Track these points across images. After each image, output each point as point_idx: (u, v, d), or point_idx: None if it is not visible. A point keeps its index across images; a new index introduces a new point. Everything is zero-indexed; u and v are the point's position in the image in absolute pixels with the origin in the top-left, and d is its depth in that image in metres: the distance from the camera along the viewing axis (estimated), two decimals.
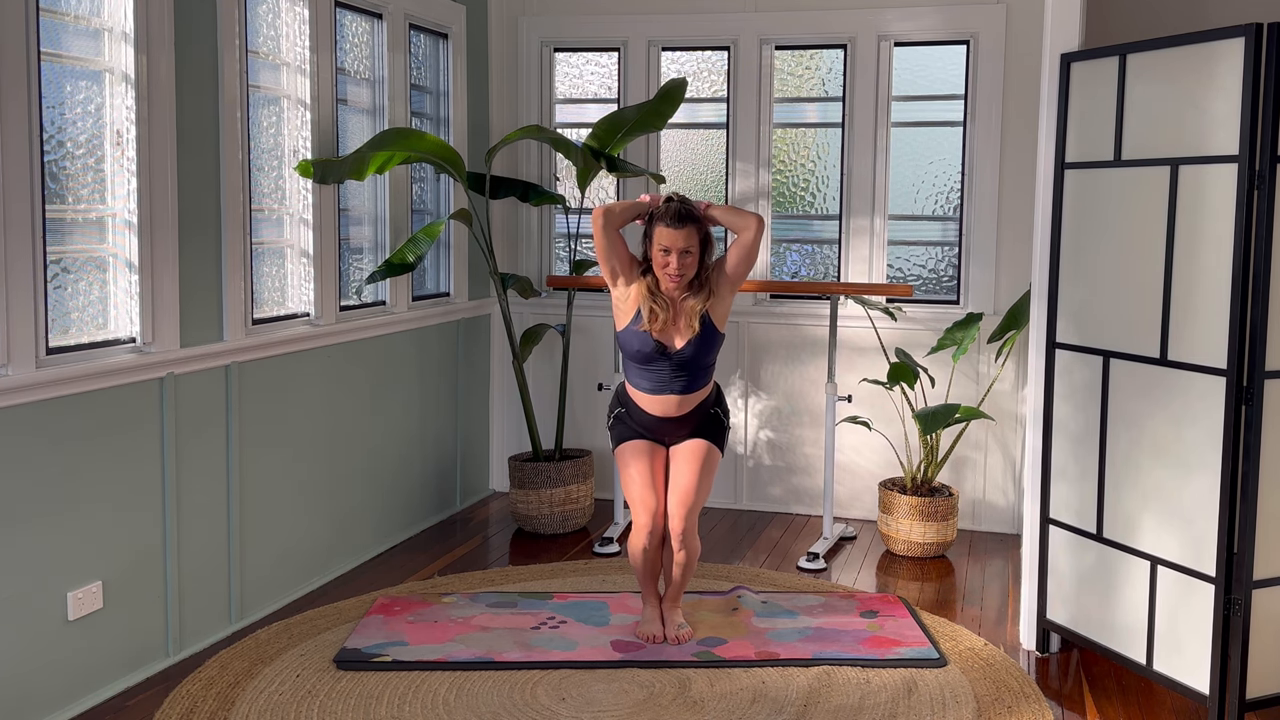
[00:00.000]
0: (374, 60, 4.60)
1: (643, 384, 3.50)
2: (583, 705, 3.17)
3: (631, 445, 3.57)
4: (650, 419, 3.53)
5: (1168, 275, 3.13)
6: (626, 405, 3.58)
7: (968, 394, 4.94)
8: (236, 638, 3.66)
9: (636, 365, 3.49)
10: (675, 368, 3.45)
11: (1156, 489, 3.20)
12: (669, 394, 3.48)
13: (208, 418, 3.60)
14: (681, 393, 3.48)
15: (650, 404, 3.50)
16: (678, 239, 3.37)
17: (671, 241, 3.37)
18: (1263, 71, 2.88)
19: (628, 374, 3.56)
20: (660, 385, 3.48)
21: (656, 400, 3.49)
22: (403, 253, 4.39)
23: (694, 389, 3.50)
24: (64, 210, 3.15)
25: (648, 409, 3.51)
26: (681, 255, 3.38)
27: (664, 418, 3.52)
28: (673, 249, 3.37)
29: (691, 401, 3.51)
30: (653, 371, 3.47)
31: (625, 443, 3.58)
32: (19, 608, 2.97)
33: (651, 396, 3.49)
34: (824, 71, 5.16)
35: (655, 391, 3.48)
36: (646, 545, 3.54)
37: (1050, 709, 3.22)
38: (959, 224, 5.02)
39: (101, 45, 3.25)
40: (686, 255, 3.39)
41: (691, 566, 3.61)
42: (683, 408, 3.51)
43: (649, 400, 3.50)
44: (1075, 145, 3.42)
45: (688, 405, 3.51)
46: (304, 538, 4.12)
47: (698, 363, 3.47)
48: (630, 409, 3.57)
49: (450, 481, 5.20)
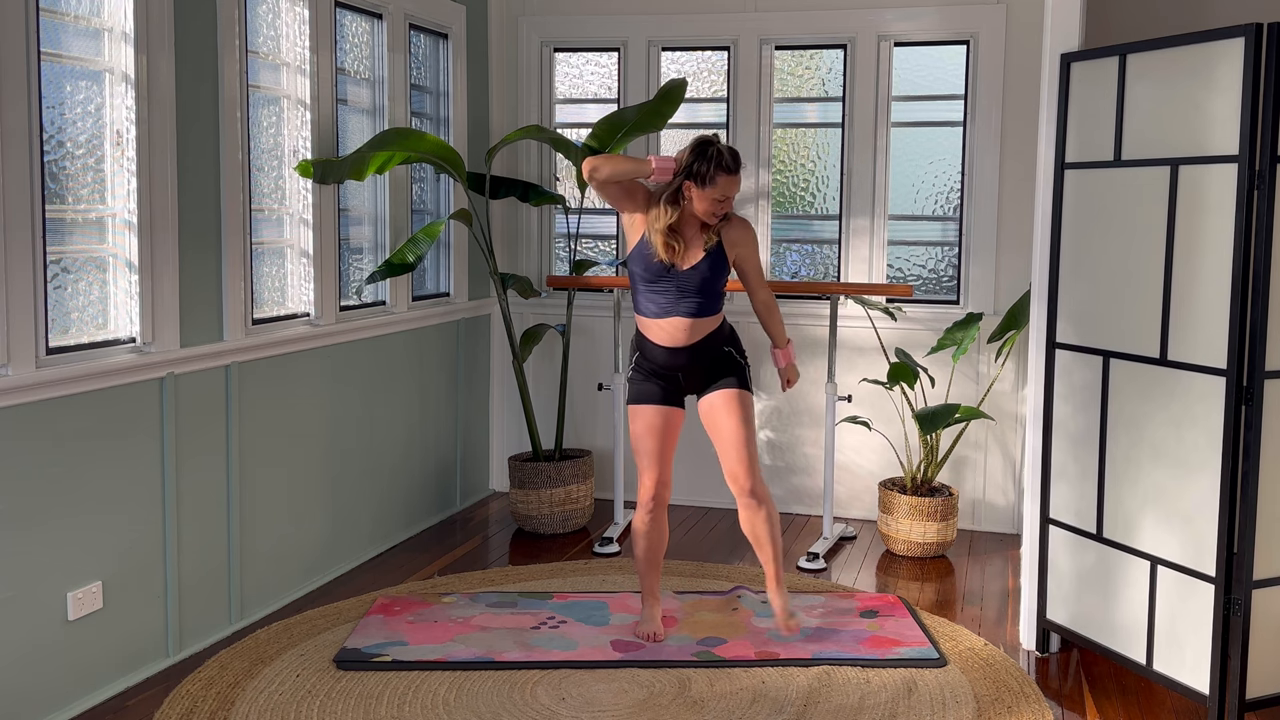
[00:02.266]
0: (374, 60, 4.60)
1: (650, 308, 3.43)
2: (583, 705, 3.17)
3: (643, 412, 3.51)
4: (661, 352, 3.45)
5: (1168, 275, 3.13)
6: (641, 347, 3.52)
7: (968, 394, 4.94)
8: (236, 638, 3.66)
9: (645, 286, 3.42)
10: (682, 289, 3.39)
11: (1156, 489, 3.20)
12: (676, 316, 3.40)
13: (208, 418, 3.60)
14: (689, 315, 3.40)
15: (659, 332, 3.42)
16: (732, 185, 3.34)
17: (729, 190, 3.33)
18: (1263, 71, 2.88)
19: (638, 305, 3.47)
20: (668, 307, 3.40)
21: (665, 325, 3.41)
22: (403, 253, 4.39)
23: (703, 314, 3.42)
24: (64, 210, 3.15)
25: (657, 339, 3.44)
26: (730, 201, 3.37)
27: (674, 348, 3.43)
28: (728, 199, 3.35)
29: (701, 329, 3.43)
30: (659, 292, 3.40)
31: (639, 406, 3.53)
32: (19, 608, 2.97)
33: (660, 322, 3.41)
34: (824, 71, 5.16)
35: (663, 314, 3.41)
36: (647, 523, 3.55)
37: (1050, 709, 3.22)
38: (959, 224, 5.02)
39: (101, 45, 3.25)
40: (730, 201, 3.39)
41: (776, 525, 3.55)
42: (693, 335, 3.42)
43: (657, 328, 3.42)
44: (1075, 145, 3.42)
45: (698, 333, 3.43)
46: (304, 538, 4.12)
47: (705, 287, 3.40)
48: (644, 349, 3.50)
49: (450, 481, 5.21)
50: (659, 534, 3.62)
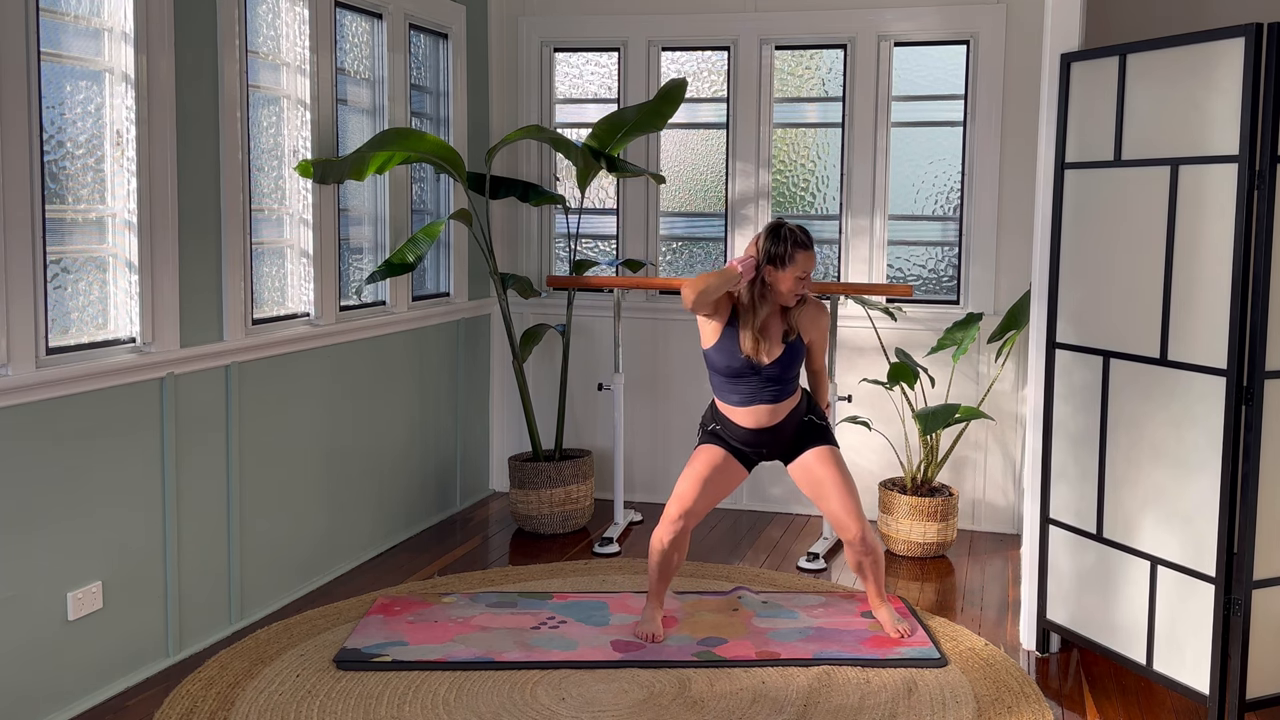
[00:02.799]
0: (374, 60, 4.60)
1: (733, 398, 3.57)
2: (583, 705, 3.17)
3: (710, 449, 3.63)
4: (745, 432, 3.59)
5: (1168, 275, 3.13)
6: (720, 422, 3.64)
7: (968, 394, 4.94)
8: (236, 638, 3.66)
9: (726, 380, 3.56)
10: (764, 380, 3.52)
11: (1156, 489, 3.20)
12: (760, 404, 3.54)
13: (208, 418, 3.60)
14: (771, 402, 3.54)
15: (743, 417, 3.57)
16: (810, 260, 3.49)
17: (808, 265, 3.48)
18: (1263, 71, 2.88)
19: (717, 391, 3.62)
20: (750, 397, 3.54)
21: (749, 412, 3.55)
22: (403, 253, 4.39)
23: (783, 398, 3.56)
24: (64, 210, 3.15)
25: (741, 422, 3.58)
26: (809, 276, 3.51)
27: (758, 429, 3.57)
28: (808, 275, 3.49)
29: (783, 410, 3.57)
30: (743, 385, 3.53)
31: (708, 445, 3.64)
32: (19, 608, 2.97)
33: (743, 409, 3.56)
34: (824, 71, 5.16)
35: (746, 404, 3.55)
36: (666, 541, 3.59)
37: (1050, 709, 3.22)
38: (959, 224, 5.02)
39: (101, 45, 3.25)
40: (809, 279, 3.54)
41: (881, 562, 3.70)
42: (775, 416, 3.56)
43: (742, 413, 3.56)
44: (1075, 145, 3.42)
45: (779, 414, 3.57)
46: (304, 538, 4.12)
47: (784, 375, 3.54)
48: (724, 425, 3.63)
49: (450, 481, 5.21)
50: (680, 552, 3.66)
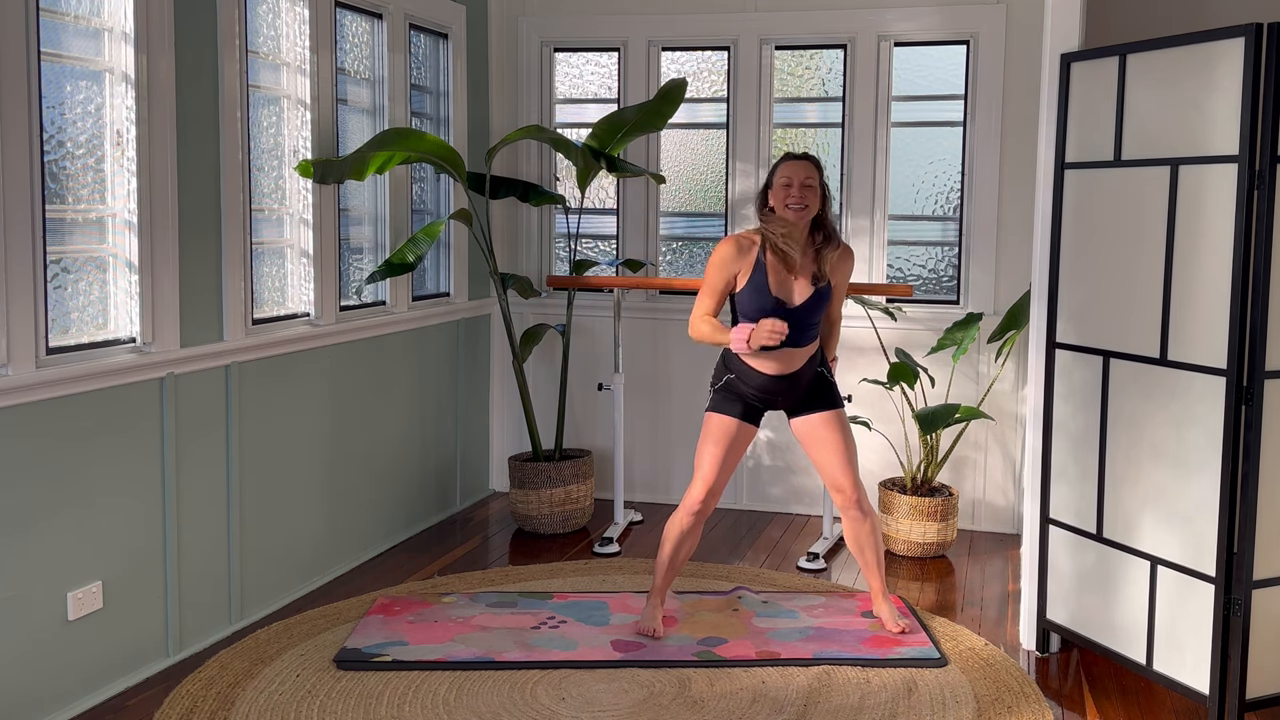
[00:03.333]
0: (374, 60, 4.60)
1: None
2: (583, 705, 3.17)
3: (720, 420, 3.59)
4: (764, 379, 3.54)
5: (1168, 275, 3.13)
6: (735, 370, 3.58)
7: (968, 394, 4.94)
8: (236, 638, 3.66)
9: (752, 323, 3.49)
10: (791, 323, 3.46)
11: (1156, 489, 3.20)
12: (786, 346, 3.49)
13: (208, 418, 3.60)
14: (796, 345, 3.51)
15: (768, 363, 3.52)
16: (798, 170, 3.44)
17: (792, 173, 3.44)
18: (1263, 71, 2.88)
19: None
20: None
21: (775, 355, 3.50)
22: (403, 253, 4.39)
23: (805, 343, 3.54)
24: (64, 210, 3.15)
25: (763, 368, 3.53)
26: (802, 185, 3.44)
27: (777, 375, 3.53)
28: (794, 179, 3.43)
29: (802, 356, 3.55)
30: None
31: (719, 415, 3.60)
32: (19, 608, 2.97)
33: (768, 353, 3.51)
34: (824, 71, 5.16)
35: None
36: (687, 524, 3.60)
37: (1050, 709, 3.22)
38: (959, 224, 5.02)
39: (101, 45, 3.25)
40: (807, 187, 3.45)
41: (880, 537, 3.69)
42: (794, 363, 3.53)
43: (767, 357, 3.51)
44: (1075, 145, 3.42)
45: (799, 360, 3.54)
46: (304, 538, 4.12)
47: (810, 319, 3.52)
48: (740, 373, 3.57)
49: (450, 481, 5.21)
50: (693, 540, 3.67)
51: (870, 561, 3.71)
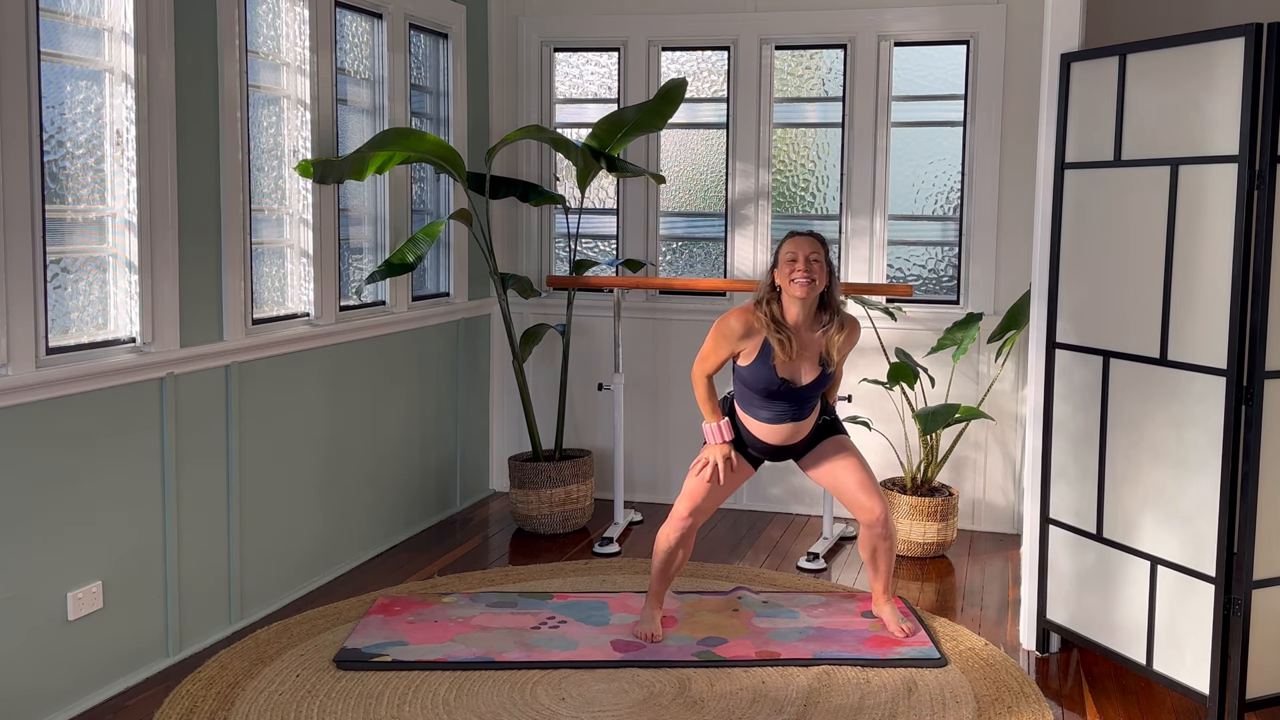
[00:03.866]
0: (374, 60, 4.60)
1: (762, 414, 3.57)
2: (583, 705, 3.17)
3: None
4: (766, 446, 3.63)
5: (1168, 275, 3.13)
6: (740, 429, 3.65)
7: (968, 394, 4.94)
8: (236, 638, 3.66)
9: (757, 398, 3.54)
10: (797, 400, 3.54)
11: (1156, 489, 3.20)
12: (786, 423, 3.57)
13: (208, 418, 3.60)
14: (796, 420, 3.57)
15: (769, 433, 3.59)
16: (803, 245, 3.44)
17: (798, 248, 3.44)
18: (1263, 71, 2.88)
19: (742, 403, 3.60)
20: (779, 416, 3.56)
21: (775, 430, 3.58)
22: (403, 253, 4.39)
23: (806, 416, 3.60)
24: (64, 210, 3.15)
25: (765, 438, 3.60)
26: (809, 260, 3.42)
27: (781, 445, 3.62)
28: (799, 254, 3.42)
29: (807, 426, 3.62)
30: (774, 405, 3.54)
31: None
32: (19, 608, 2.97)
33: (771, 426, 3.57)
34: (824, 71, 5.16)
35: (775, 421, 3.57)
36: (674, 539, 3.62)
37: (1050, 709, 3.22)
38: (959, 224, 5.02)
39: (101, 45, 3.25)
40: (814, 262, 3.44)
41: (894, 549, 3.71)
42: (799, 434, 3.61)
43: (767, 430, 3.59)
44: (1075, 145, 3.42)
45: (803, 431, 3.62)
46: (304, 538, 4.12)
47: (815, 393, 3.57)
48: (743, 434, 3.64)
49: (450, 481, 5.21)
50: (685, 551, 3.68)
51: (881, 570, 3.72)
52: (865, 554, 3.72)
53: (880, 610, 3.76)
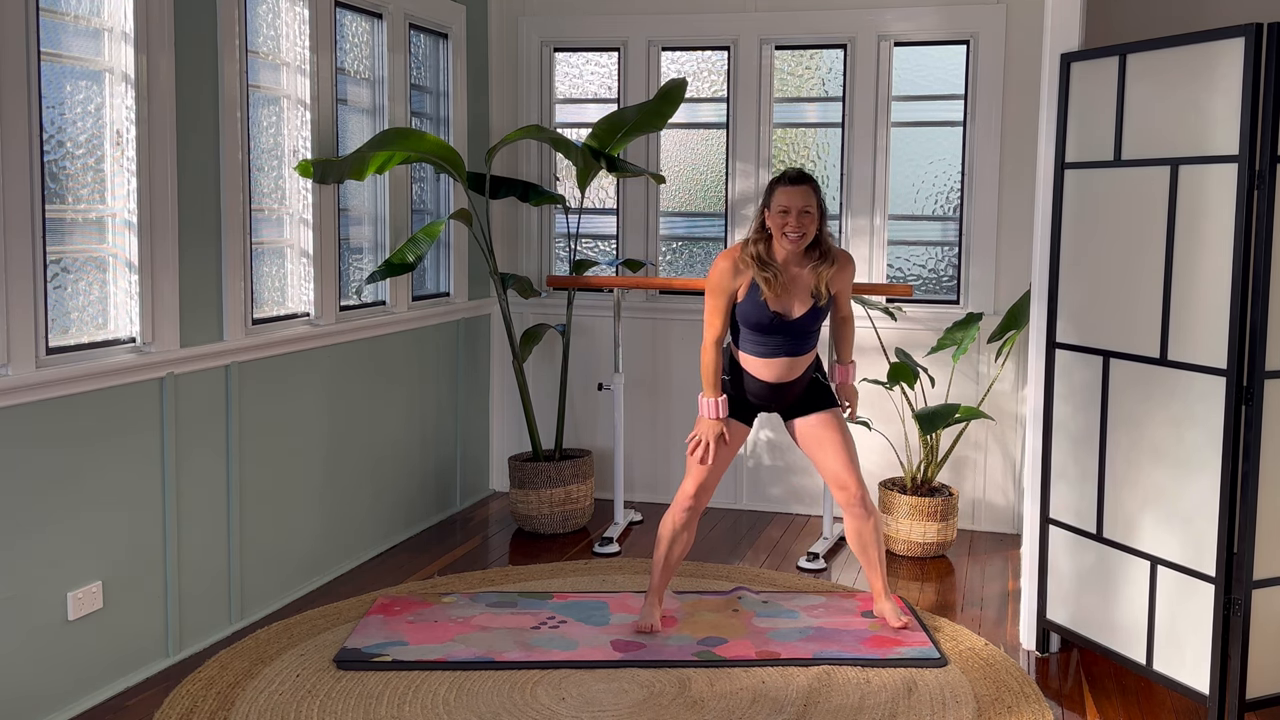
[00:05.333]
0: (374, 60, 4.60)
1: (757, 349, 3.59)
2: (583, 705, 3.17)
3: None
4: (760, 385, 3.63)
5: (1168, 275, 3.13)
6: (733, 373, 3.66)
7: (968, 394, 4.94)
8: (236, 638, 3.66)
9: (752, 333, 3.58)
10: (789, 334, 3.55)
11: (1156, 489, 3.20)
12: (781, 357, 3.58)
13: (208, 418, 3.60)
14: (791, 355, 3.58)
15: (763, 369, 3.60)
16: (796, 197, 3.47)
17: (790, 200, 3.46)
18: (1263, 71, 2.88)
19: (739, 342, 3.64)
20: (774, 350, 3.58)
21: (770, 364, 3.59)
22: (403, 253, 4.39)
23: (803, 352, 3.61)
24: (64, 210, 3.15)
25: (760, 375, 3.61)
26: (800, 214, 3.46)
27: (775, 382, 3.62)
28: (792, 208, 3.46)
29: (801, 365, 3.62)
30: (768, 339, 3.56)
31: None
32: (19, 608, 2.97)
33: (765, 361, 3.59)
34: (824, 71, 5.16)
35: (769, 356, 3.58)
36: (679, 522, 3.64)
37: (1050, 709, 3.22)
38: (959, 224, 5.02)
39: (101, 45, 3.25)
40: (805, 214, 3.47)
41: (881, 534, 3.73)
42: (793, 371, 3.61)
43: (762, 365, 3.59)
44: (1075, 145, 3.42)
45: (798, 369, 3.62)
46: (304, 538, 4.12)
47: (810, 328, 3.58)
48: (738, 375, 3.65)
49: (450, 481, 5.21)
50: (688, 537, 3.70)
51: (873, 559, 3.73)
52: (854, 543, 3.73)
53: (880, 606, 3.77)
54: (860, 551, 3.73)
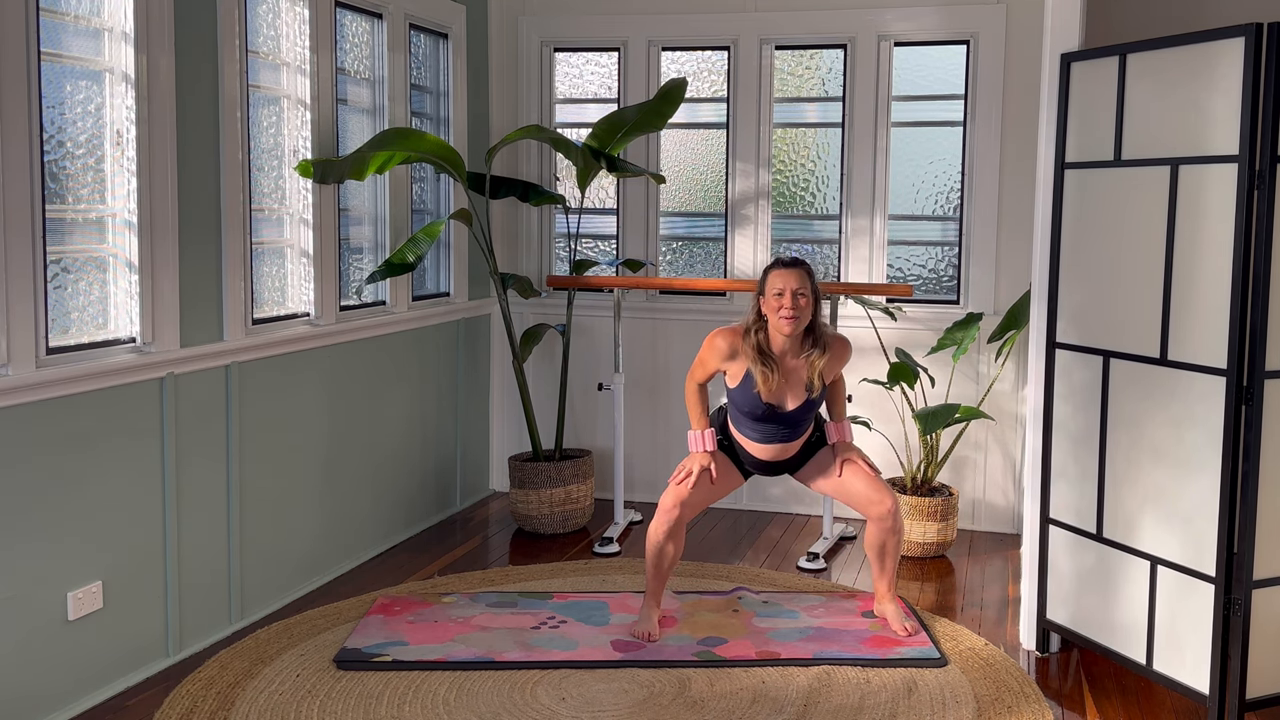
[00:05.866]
0: (374, 60, 4.60)
1: (751, 434, 3.64)
2: (583, 705, 3.17)
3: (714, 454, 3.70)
4: (756, 461, 3.71)
5: (1168, 275, 3.13)
6: (730, 441, 3.72)
7: (968, 394, 4.94)
8: (236, 638, 3.66)
9: (746, 419, 3.61)
10: (786, 423, 3.59)
11: (1156, 489, 3.20)
12: (776, 443, 3.63)
13: (208, 418, 3.60)
14: (787, 441, 3.64)
15: (758, 450, 3.68)
16: (790, 279, 3.46)
17: (785, 282, 3.46)
18: (1263, 71, 2.88)
19: (735, 422, 3.67)
20: (768, 437, 3.62)
21: (764, 448, 3.66)
22: (403, 253, 4.39)
23: (799, 436, 3.66)
24: (64, 210, 3.15)
25: (756, 454, 3.69)
26: (795, 295, 3.45)
27: (771, 461, 3.70)
28: (786, 289, 3.45)
29: (796, 445, 3.69)
30: (762, 426, 3.60)
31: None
32: (19, 608, 2.97)
33: (759, 445, 3.65)
34: (824, 71, 5.16)
35: (763, 441, 3.64)
36: (661, 533, 3.63)
37: (1050, 709, 3.22)
38: (959, 224, 5.02)
39: (101, 45, 3.25)
40: (800, 296, 3.46)
41: (900, 545, 3.74)
42: (788, 452, 3.68)
43: (757, 448, 3.67)
44: (1075, 145, 3.42)
45: (793, 449, 3.69)
46: (304, 538, 4.12)
47: (804, 417, 3.61)
48: (735, 446, 3.72)
49: (450, 481, 5.21)
50: (677, 544, 3.68)
51: (887, 567, 3.74)
52: (872, 550, 3.73)
53: (883, 608, 3.77)
54: (876, 558, 3.74)
